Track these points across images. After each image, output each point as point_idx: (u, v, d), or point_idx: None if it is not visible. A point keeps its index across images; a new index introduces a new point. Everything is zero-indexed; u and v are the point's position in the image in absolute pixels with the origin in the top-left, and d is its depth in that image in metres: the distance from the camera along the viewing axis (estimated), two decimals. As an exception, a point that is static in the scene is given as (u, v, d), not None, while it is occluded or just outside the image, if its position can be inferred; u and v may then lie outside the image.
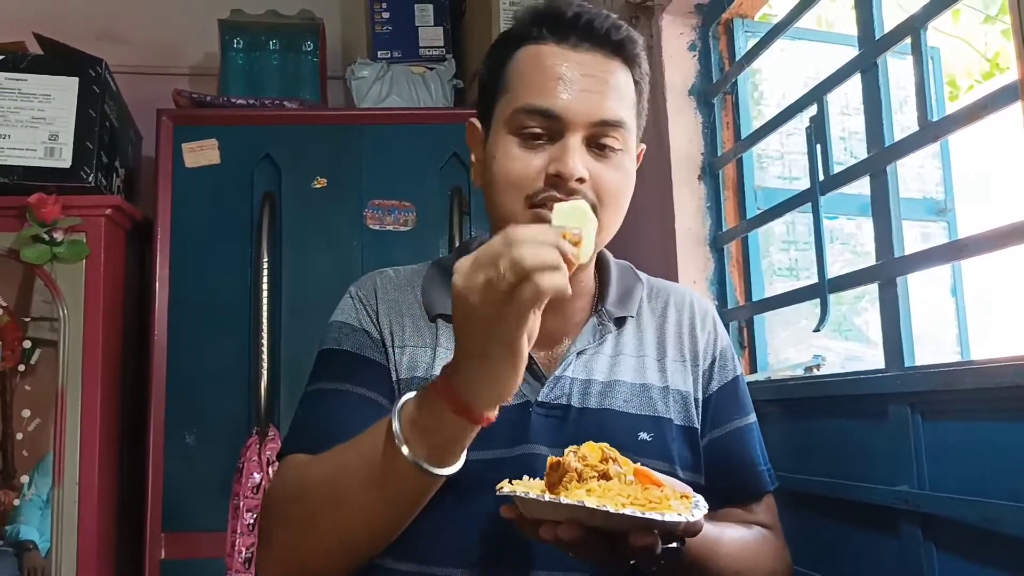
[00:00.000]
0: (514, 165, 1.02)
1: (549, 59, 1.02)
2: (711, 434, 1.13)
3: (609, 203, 1.03)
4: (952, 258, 1.19)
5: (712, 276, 1.81)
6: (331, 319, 1.13)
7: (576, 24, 1.02)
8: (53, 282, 2.12)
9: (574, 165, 0.99)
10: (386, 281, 1.15)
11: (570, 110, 1.00)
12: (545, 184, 1.00)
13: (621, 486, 0.81)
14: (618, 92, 1.03)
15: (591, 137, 1.01)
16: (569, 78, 1.01)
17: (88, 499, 2.08)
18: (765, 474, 1.15)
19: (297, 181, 2.31)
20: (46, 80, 2.17)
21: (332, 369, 1.08)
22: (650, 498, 0.79)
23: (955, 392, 1.10)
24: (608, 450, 0.84)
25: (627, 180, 1.05)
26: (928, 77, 1.24)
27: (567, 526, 0.79)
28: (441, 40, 2.60)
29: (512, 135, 1.03)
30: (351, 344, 1.09)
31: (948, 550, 1.12)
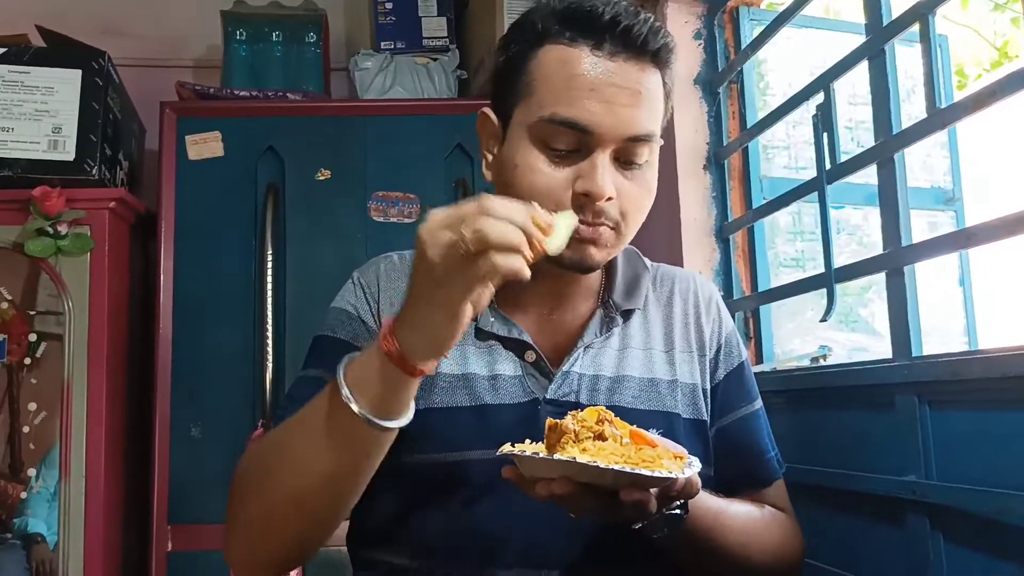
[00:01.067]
0: (539, 179, 0.97)
1: (580, 66, 0.96)
2: (719, 423, 1.12)
3: (632, 219, 1.01)
4: (961, 246, 1.18)
5: (718, 266, 1.80)
6: (332, 304, 1.13)
7: (613, 29, 0.96)
8: (58, 275, 2.12)
9: (604, 185, 0.95)
10: (390, 268, 1.13)
11: (602, 125, 0.95)
12: (573, 203, 0.97)
13: (615, 446, 0.82)
14: (651, 104, 0.98)
15: (620, 151, 0.97)
16: (602, 90, 0.95)
17: (94, 492, 2.08)
18: (774, 461, 1.14)
19: (301, 173, 2.30)
20: (49, 73, 2.16)
21: (324, 357, 1.07)
22: (643, 457, 0.80)
23: (963, 382, 1.09)
24: (604, 412, 0.85)
25: (650, 195, 1.03)
26: (936, 65, 1.23)
27: (560, 482, 0.79)
28: (445, 31, 2.59)
29: (536, 144, 0.98)
30: (346, 333, 1.08)
31: (956, 541, 1.11)
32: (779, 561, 1.08)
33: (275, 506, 0.92)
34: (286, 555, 0.97)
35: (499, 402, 1.03)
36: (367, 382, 0.84)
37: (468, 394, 1.03)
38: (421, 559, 1.02)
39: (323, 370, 1.05)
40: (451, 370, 1.04)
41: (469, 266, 0.76)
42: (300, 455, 0.89)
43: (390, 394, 0.84)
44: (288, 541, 0.95)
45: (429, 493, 1.02)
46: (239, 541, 0.97)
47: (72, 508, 2.07)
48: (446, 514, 1.01)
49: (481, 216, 0.75)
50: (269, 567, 0.99)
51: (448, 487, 1.01)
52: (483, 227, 0.75)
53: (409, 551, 1.03)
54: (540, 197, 0.96)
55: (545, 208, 0.96)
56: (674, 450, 0.84)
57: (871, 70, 1.34)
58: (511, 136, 1.02)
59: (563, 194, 0.97)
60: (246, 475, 0.97)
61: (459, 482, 1.01)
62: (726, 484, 1.09)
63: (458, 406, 1.03)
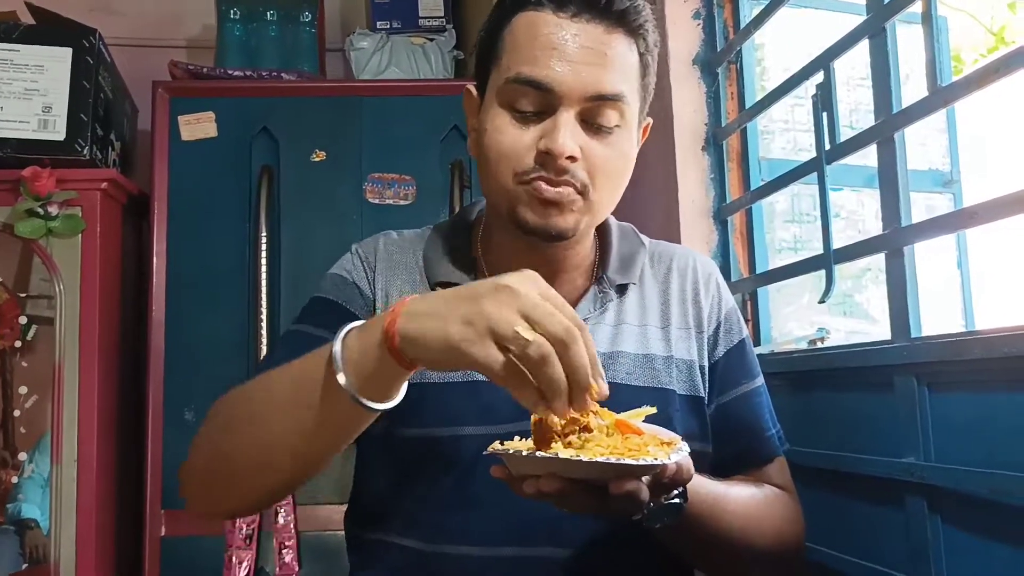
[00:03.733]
0: (504, 139, 0.98)
1: (544, 27, 0.97)
2: (718, 400, 1.12)
3: (601, 183, 0.99)
4: (962, 226, 1.16)
5: (716, 248, 1.79)
6: (329, 271, 1.13)
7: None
8: (49, 257, 2.10)
9: (563, 142, 0.95)
10: (390, 243, 1.14)
11: (564, 83, 0.95)
12: (535, 161, 0.97)
13: (601, 437, 0.79)
14: (618, 65, 0.98)
15: (586, 112, 0.97)
16: (564, 49, 0.96)
17: (87, 477, 2.07)
18: (775, 438, 1.14)
19: (295, 154, 2.28)
20: (39, 51, 2.14)
21: (316, 315, 1.08)
22: (629, 447, 0.78)
23: (962, 363, 1.08)
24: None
25: (623, 159, 1.01)
26: (937, 44, 1.21)
27: (547, 479, 0.77)
28: (441, 10, 2.57)
29: (503, 107, 0.99)
30: (340, 296, 1.09)
31: (954, 522, 1.10)
32: (780, 543, 1.07)
33: (244, 456, 0.90)
34: (245, 504, 0.97)
35: None
36: (361, 358, 0.82)
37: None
38: (414, 537, 1.01)
39: (314, 326, 1.05)
40: None
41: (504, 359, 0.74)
42: (280, 413, 0.88)
43: (380, 376, 0.82)
44: (251, 491, 0.93)
45: (421, 468, 1.02)
46: (201, 481, 0.96)
47: (64, 493, 2.06)
48: (439, 490, 1.00)
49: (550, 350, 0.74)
50: (227, 511, 1.00)
51: (441, 463, 1.01)
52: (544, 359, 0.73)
53: (401, 527, 1.02)
54: (506, 158, 0.98)
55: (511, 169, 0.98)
56: (664, 436, 0.82)
57: (872, 49, 1.32)
58: (484, 104, 1.03)
59: (527, 154, 0.97)
60: (218, 417, 0.95)
61: (452, 458, 1.00)
62: (726, 461, 1.09)
63: (451, 381, 1.02)
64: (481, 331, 0.74)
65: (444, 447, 1.01)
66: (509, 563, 0.98)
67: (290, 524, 2.09)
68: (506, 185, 0.99)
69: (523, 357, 0.73)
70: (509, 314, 0.74)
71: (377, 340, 0.80)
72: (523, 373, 0.75)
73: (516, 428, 1.00)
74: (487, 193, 1.06)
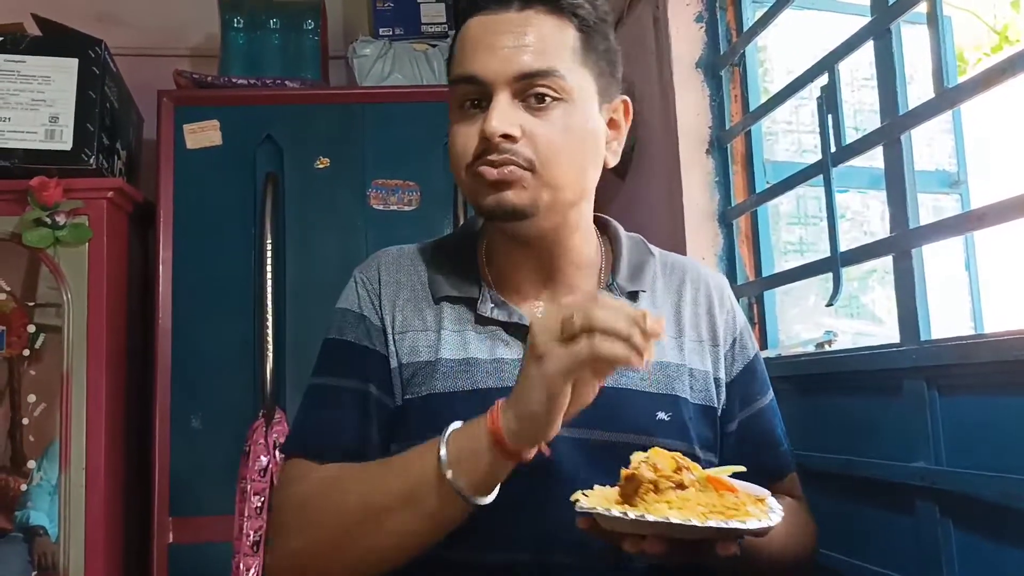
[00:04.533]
0: (456, 139, 1.03)
1: (473, 30, 1.03)
2: (740, 415, 1.12)
3: (549, 157, 1.00)
4: (970, 228, 1.16)
5: (721, 251, 1.78)
6: (337, 305, 1.13)
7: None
8: (56, 266, 2.11)
9: (493, 123, 0.97)
10: (389, 261, 1.14)
11: (487, 70, 0.99)
12: (479, 148, 1.00)
13: (698, 495, 0.82)
14: (541, 42, 1.00)
15: (519, 92, 1.00)
16: (488, 40, 1.01)
17: (95, 484, 2.07)
18: (788, 454, 1.15)
19: (299, 161, 2.29)
20: (45, 62, 2.15)
21: (334, 362, 1.08)
22: (727, 505, 0.81)
23: (972, 366, 1.07)
24: (680, 459, 0.85)
25: (571, 133, 1.01)
26: (943, 44, 1.21)
27: (652, 541, 0.80)
28: (443, 16, 2.57)
29: (453, 111, 1.04)
30: (353, 334, 1.08)
31: (966, 527, 1.10)
32: (808, 554, 1.11)
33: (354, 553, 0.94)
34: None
35: (501, 385, 1.02)
36: (468, 461, 0.86)
37: (469, 379, 1.03)
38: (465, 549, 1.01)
39: (341, 377, 1.06)
40: (453, 355, 1.03)
41: (571, 345, 0.80)
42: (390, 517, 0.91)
43: (491, 475, 0.87)
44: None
45: None
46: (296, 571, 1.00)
47: (72, 500, 2.06)
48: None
49: (592, 306, 0.80)
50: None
51: None
52: (590, 312, 0.80)
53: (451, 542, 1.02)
54: (459, 154, 1.02)
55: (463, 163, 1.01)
56: (754, 493, 0.85)
57: (877, 50, 1.32)
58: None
59: (472, 144, 1.01)
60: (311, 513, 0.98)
61: None
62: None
63: (459, 390, 1.02)
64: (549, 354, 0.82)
65: None
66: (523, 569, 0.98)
67: (298, 531, 2.08)
68: (464, 179, 1.03)
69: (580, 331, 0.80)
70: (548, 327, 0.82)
71: (482, 433, 0.86)
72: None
73: None
74: (462, 194, 1.12)
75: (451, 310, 1.07)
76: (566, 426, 1.00)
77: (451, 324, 1.06)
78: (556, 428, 0.85)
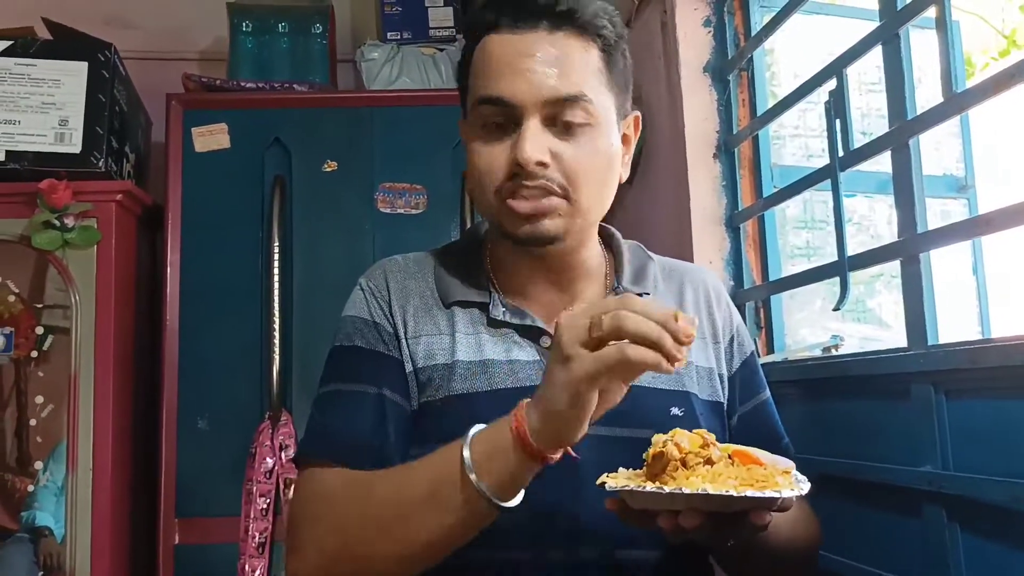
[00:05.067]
0: (481, 160, 1.01)
1: (498, 47, 1.01)
2: (740, 410, 1.14)
3: (582, 183, 1.00)
4: (977, 233, 1.16)
5: (728, 256, 1.78)
6: (343, 314, 1.12)
7: (521, 6, 1.01)
8: (65, 268, 2.11)
9: (526, 150, 0.97)
10: (395, 269, 1.14)
11: (518, 94, 0.98)
12: (509, 174, 0.99)
13: (728, 468, 0.82)
14: (572, 66, 1.00)
15: (550, 118, 0.99)
16: (516, 62, 0.99)
17: (102, 485, 2.08)
18: (789, 447, 1.16)
19: (307, 165, 2.29)
20: (55, 65, 2.16)
21: (345, 368, 1.07)
22: (756, 477, 0.81)
23: (979, 370, 1.07)
24: (706, 435, 0.85)
25: (599, 156, 1.02)
26: (952, 49, 1.21)
27: (688, 514, 0.80)
28: (451, 20, 2.58)
29: (477, 129, 1.02)
30: (363, 340, 1.08)
31: (973, 532, 1.09)
32: (812, 547, 1.11)
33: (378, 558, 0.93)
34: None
35: (518, 386, 1.03)
36: (493, 463, 0.85)
37: (487, 379, 1.03)
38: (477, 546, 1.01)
39: (353, 382, 1.05)
40: (470, 357, 1.04)
41: (600, 351, 0.79)
42: (415, 522, 0.90)
43: (516, 478, 0.86)
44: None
45: None
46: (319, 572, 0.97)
47: (79, 501, 2.06)
48: None
49: (620, 310, 0.78)
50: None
51: None
52: (619, 316, 0.78)
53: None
54: (485, 176, 1.01)
55: (491, 187, 1.01)
56: (780, 465, 0.85)
57: (885, 55, 1.32)
58: (465, 133, 1.07)
59: (501, 169, 1.00)
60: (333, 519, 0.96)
61: None
62: None
63: (477, 391, 1.02)
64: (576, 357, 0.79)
65: None
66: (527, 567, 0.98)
67: (304, 533, 2.08)
68: (491, 203, 1.02)
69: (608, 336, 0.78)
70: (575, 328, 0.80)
71: (507, 435, 0.85)
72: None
73: None
74: (481, 213, 1.09)
75: (463, 314, 1.08)
76: None
77: (464, 327, 1.07)
78: (583, 430, 0.83)
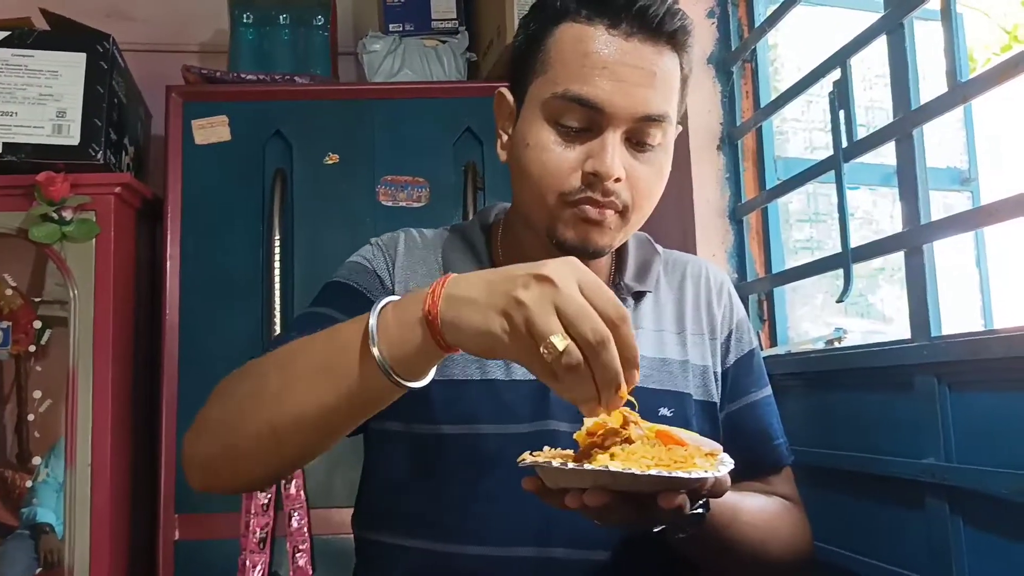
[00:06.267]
0: (549, 157, 0.97)
1: (595, 43, 0.95)
2: (728, 407, 1.12)
3: (642, 202, 1.00)
4: (981, 224, 1.15)
5: (731, 248, 1.78)
6: (348, 259, 1.12)
7: (630, 8, 0.95)
8: (63, 261, 2.10)
9: (613, 164, 0.94)
10: (410, 240, 1.13)
11: (613, 103, 0.94)
12: (582, 182, 0.96)
13: (645, 448, 0.77)
14: (665, 85, 0.97)
15: (631, 132, 0.96)
16: (615, 68, 0.94)
17: (101, 481, 2.07)
18: (783, 447, 1.14)
19: (308, 157, 2.28)
20: (53, 56, 2.14)
21: (333, 298, 1.06)
22: (675, 458, 0.76)
23: (983, 362, 1.06)
24: (629, 414, 0.80)
25: (661, 177, 1.01)
26: (956, 39, 1.20)
27: (593, 493, 0.75)
28: (454, 12, 2.56)
29: (548, 122, 0.97)
30: (359, 282, 1.07)
31: (976, 524, 1.09)
32: (792, 553, 1.08)
33: (259, 429, 0.86)
34: (252, 480, 0.93)
35: (510, 378, 1.02)
36: (398, 335, 0.79)
37: (479, 368, 1.02)
38: (425, 537, 1.00)
39: (333, 309, 1.03)
40: None
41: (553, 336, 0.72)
42: (303, 380, 0.84)
43: (418, 355, 0.80)
44: (259, 467, 0.90)
45: (436, 467, 1.01)
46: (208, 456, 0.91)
47: (78, 497, 2.05)
48: (454, 489, 1.00)
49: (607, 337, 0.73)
50: (232, 488, 0.95)
51: (457, 461, 1.00)
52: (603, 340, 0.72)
53: (411, 528, 1.01)
54: (551, 176, 0.96)
55: (556, 189, 0.96)
56: (705, 447, 0.80)
57: (889, 45, 1.31)
58: (525, 114, 1.01)
59: (572, 173, 0.96)
60: (231, 390, 0.92)
61: (469, 457, 1.00)
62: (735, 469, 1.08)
63: (468, 379, 1.02)
64: (519, 326, 0.73)
65: (461, 446, 1.00)
66: (525, 563, 0.98)
67: (303, 528, 2.08)
68: (548, 203, 0.98)
69: (555, 364, 0.72)
70: (545, 313, 0.73)
71: (416, 319, 0.79)
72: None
73: (534, 428, 1.00)
74: (521, 204, 1.05)
75: None
76: (567, 421, 1.00)
77: None
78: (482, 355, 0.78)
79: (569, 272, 0.75)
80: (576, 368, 0.72)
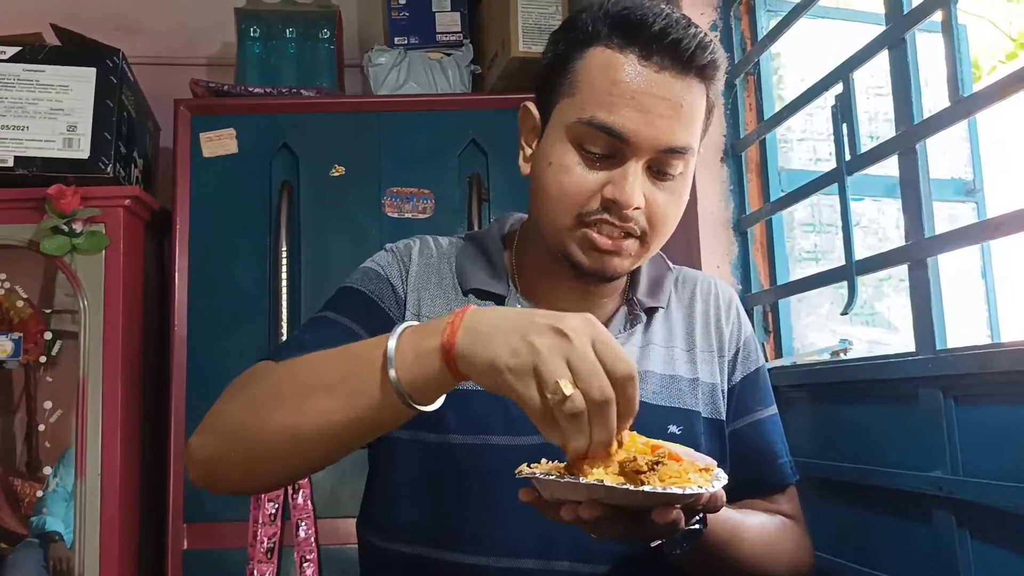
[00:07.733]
0: (569, 179, 0.98)
1: (624, 72, 0.95)
2: (733, 425, 1.12)
3: (659, 229, 1.01)
4: (986, 237, 1.15)
5: (736, 260, 1.78)
6: (362, 265, 1.13)
7: (662, 41, 0.95)
8: (73, 273, 2.12)
9: (633, 194, 0.95)
10: (425, 247, 1.14)
11: (639, 135, 0.95)
12: (600, 205, 0.97)
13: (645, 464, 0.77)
14: (690, 118, 0.97)
15: (653, 162, 0.97)
16: (643, 100, 0.94)
17: (110, 491, 2.08)
18: (787, 466, 1.14)
19: (315, 169, 2.29)
20: (63, 71, 2.16)
21: (344, 305, 1.07)
22: (669, 473, 0.76)
23: (988, 375, 1.07)
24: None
25: (679, 204, 1.02)
26: (958, 52, 1.21)
27: (588, 506, 0.76)
28: (458, 25, 2.57)
29: (572, 144, 0.98)
30: (372, 290, 1.08)
31: (983, 537, 1.09)
32: (793, 572, 1.08)
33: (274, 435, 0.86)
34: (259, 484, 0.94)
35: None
36: (415, 361, 0.80)
37: None
38: (430, 546, 1.01)
39: (345, 316, 1.04)
40: None
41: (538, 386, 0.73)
42: (322, 394, 0.85)
43: (432, 382, 0.81)
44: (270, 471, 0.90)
45: (443, 476, 1.02)
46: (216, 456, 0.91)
47: (88, 506, 2.06)
48: (460, 499, 1.00)
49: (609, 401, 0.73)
50: (238, 490, 0.96)
51: (464, 471, 1.01)
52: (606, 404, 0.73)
53: (415, 536, 1.02)
54: (569, 197, 0.98)
55: (573, 209, 0.98)
56: (700, 462, 0.81)
57: (892, 59, 1.32)
58: (549, 133, 1.02)
59: (592, 197, 0.98)
60: (247, 393, 0.92)
61: (476, 467, 1.00)
62: (738, 487, 1.08)
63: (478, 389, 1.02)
64: (526, 367, 0.74)
65: (469, 455, 1.01)
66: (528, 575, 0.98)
67: (311, 538, 2.09)
68: (565, 223, 0.99)
69: (556, 407, 0.73)
70: (556, 361, 0.73)
71: (434, 347, 0.79)
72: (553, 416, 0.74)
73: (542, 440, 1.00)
74: (537, 222, 1.06)
75: (479, 304, 1.07)
76: None
77: None
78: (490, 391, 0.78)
79: (585, 329, 0.75)
80: (578, 417, 0.73)
